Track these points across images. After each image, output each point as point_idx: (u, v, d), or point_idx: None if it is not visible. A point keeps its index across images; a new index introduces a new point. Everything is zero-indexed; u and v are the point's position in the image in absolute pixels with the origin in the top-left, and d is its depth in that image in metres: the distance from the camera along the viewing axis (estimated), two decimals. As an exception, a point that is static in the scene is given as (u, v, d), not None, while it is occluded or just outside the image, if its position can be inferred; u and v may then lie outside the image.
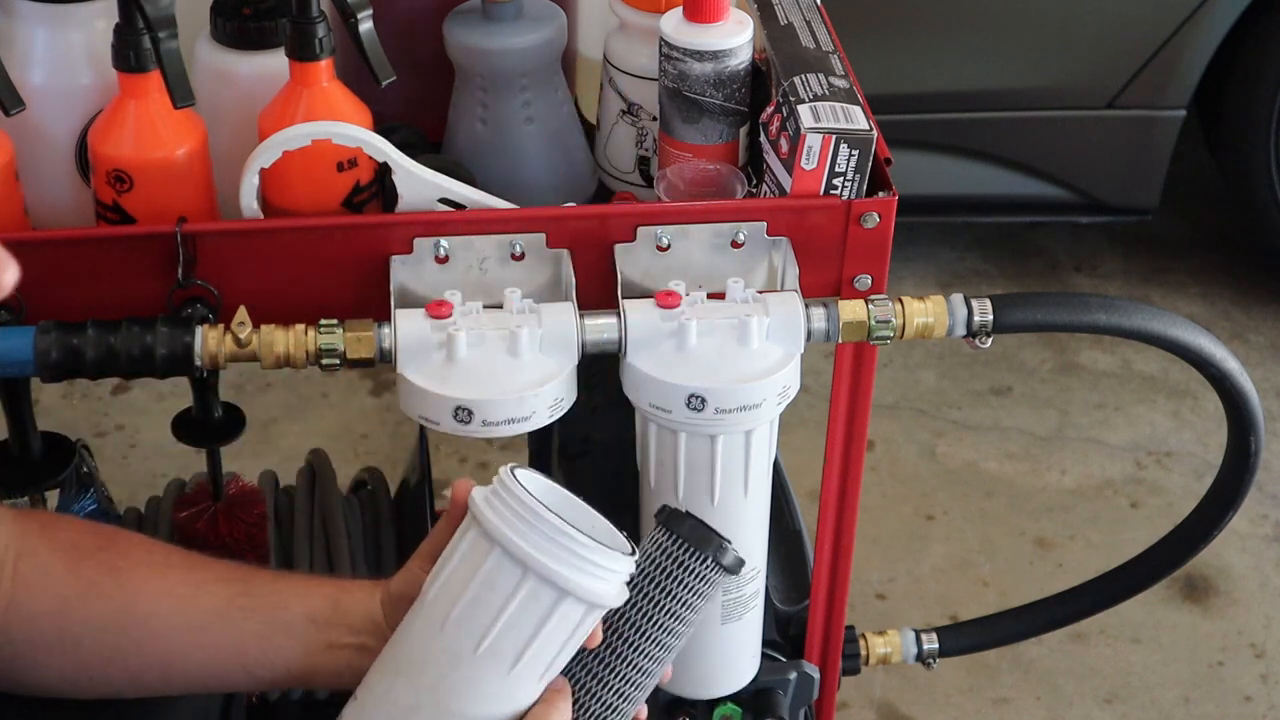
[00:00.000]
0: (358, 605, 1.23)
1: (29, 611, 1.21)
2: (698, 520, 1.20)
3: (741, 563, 1.21)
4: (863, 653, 1.74)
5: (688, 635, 1.21)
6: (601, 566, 1.12)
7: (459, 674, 1.13)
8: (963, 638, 1.78)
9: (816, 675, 1.63)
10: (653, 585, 1.19)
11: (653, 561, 1.19)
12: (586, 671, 1.19)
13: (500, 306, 1.29)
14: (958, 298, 1.35)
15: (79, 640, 1.22)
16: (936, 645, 1.76)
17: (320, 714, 1.75)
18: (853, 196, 1.34)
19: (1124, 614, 2.29)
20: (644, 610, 1.19)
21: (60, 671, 1.23)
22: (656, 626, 1.19)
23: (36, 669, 1.23)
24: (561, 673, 1.17)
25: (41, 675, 1.23)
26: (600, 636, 1.18)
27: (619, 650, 1.19)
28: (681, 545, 1.19)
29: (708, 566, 1.19)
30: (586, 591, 1.11)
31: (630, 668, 1.19)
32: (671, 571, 1.19)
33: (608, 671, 1.19)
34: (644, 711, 1.24)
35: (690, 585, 1.19)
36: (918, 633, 1.76)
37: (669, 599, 1.19)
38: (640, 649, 1.19)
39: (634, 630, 1.19)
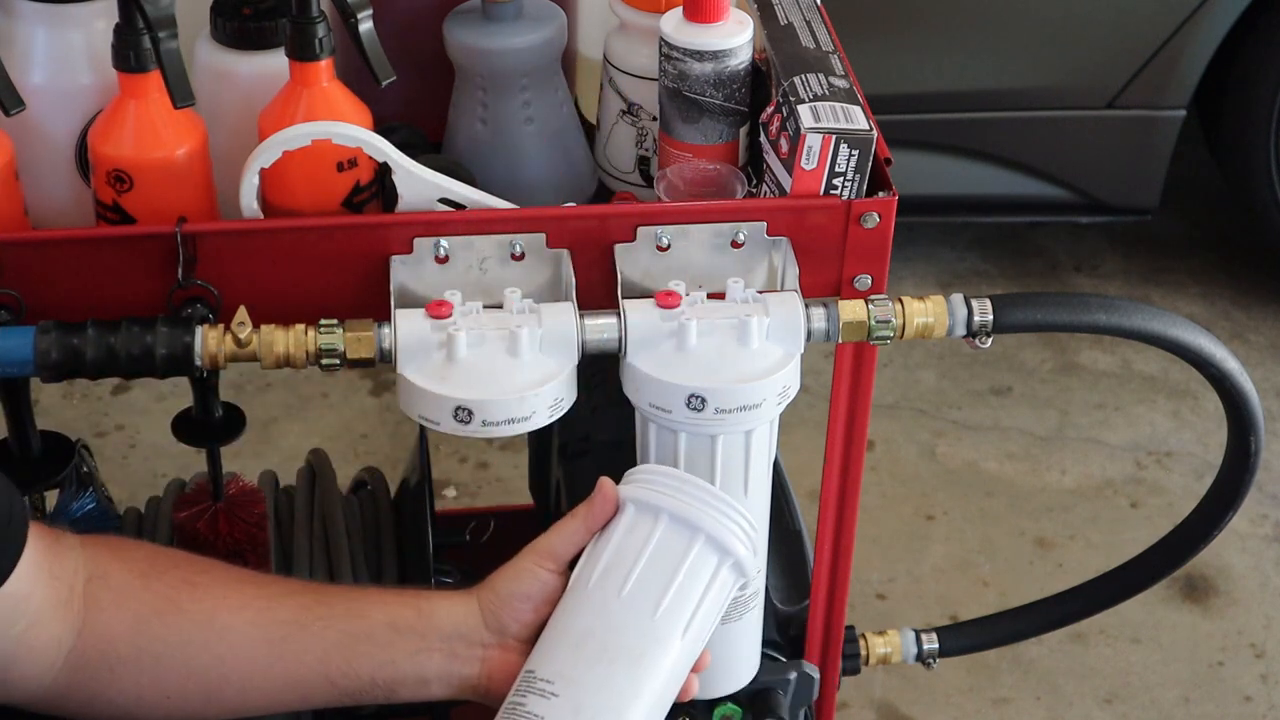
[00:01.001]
0: (445, 610, 1.23)
1: (105, 632, 1.19)
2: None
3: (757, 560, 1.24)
4: (863, 653, 1.74)
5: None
6: (747, 533, 1.23)
7: (646, 641, 1.19)
8: (963, 638, 1.78)
9: (816, 675, 1.62)
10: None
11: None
12: None
13: (500, 306, 1.29)
14: (958, 298, 1.35)
15: (157, 658, 1.20)
16: (936, 645, 1.76)
17: (321, 713, 1.75)
18: (853, 196, 1.34)
19: (1124, 614, 2.29)
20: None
21: (138, 693, 1.21)
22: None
23: (113, 692, 1.21)
24: None
25: (118, 699, 1.21)
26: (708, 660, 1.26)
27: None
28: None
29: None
30: (744, 558, 1.22)
31: None
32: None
33: None
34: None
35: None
36: (918, 633, 1.76)
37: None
38: None
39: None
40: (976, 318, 1.35)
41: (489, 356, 1.25)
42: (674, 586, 1.19)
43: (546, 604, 1.22)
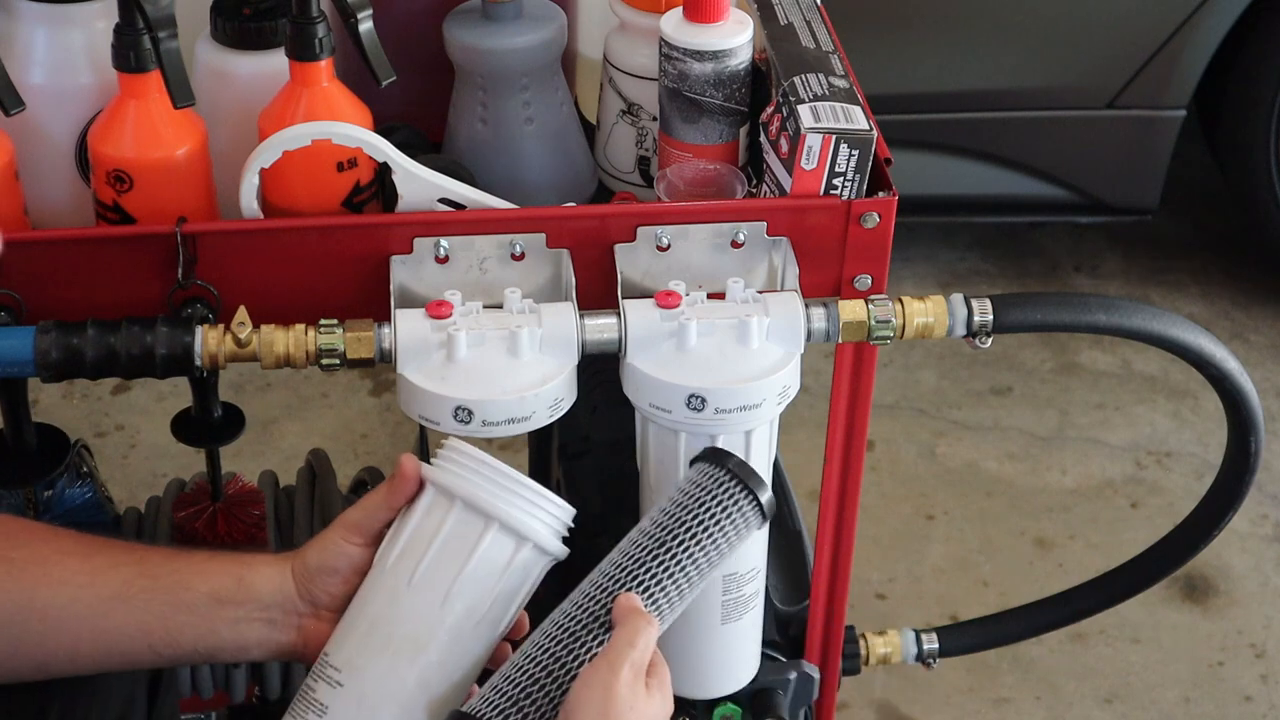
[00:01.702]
0: (264, 580, 1.23)
1: None
2: (743, 460, 1.20)
3: (774, 507, 1.20)
4: (863, 653, 1.74)
5: (709, 573, 1.20)
6: (551, 513, 1.20)
7: (433, 631, 1.17)
8: (963, 638, 1.78)
9: (816, 675, 1.63)
10: (685, 512, 1.18)
11: (696, 485, 1.19)
12: (617, 583, 1.18)
13: (500, 306, 1.29)
14: (958, 298, 1.35)
15: None
16: (936, 645, 1.76)
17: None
18: (853, 196, 1.34)
19: (1124, 614, 2.29)
20: (674, 533, 1.18)
21: None
22: (685, 553, 1.17)
23: None
24: (595, 582, 1.17)
25: None
26: (526, 626, 1.22)
27: (649, 568, 1.17)
28: (727, 475, 1.19)
29: (745, 497, 1.19)
30: (541, 539, 1.19)
31: (659, 591, 1.18)
32: (705, 501, 1.18)
33: (634, 583, 1.17)
34: None
35: (724, 515, 1.18)
36: (918, 633, 1.76)
37: (699, 525, 1.18)
38: (670, 572, 1.17)
39: (665, 552, 1.17)
40: (976, 318, 1.35)
41: (489, 356, 1.25)
42: (463, 575, 1.17)
43: (355, 575, 1.22)
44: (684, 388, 1.25)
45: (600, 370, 1.37)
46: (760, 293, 1.30)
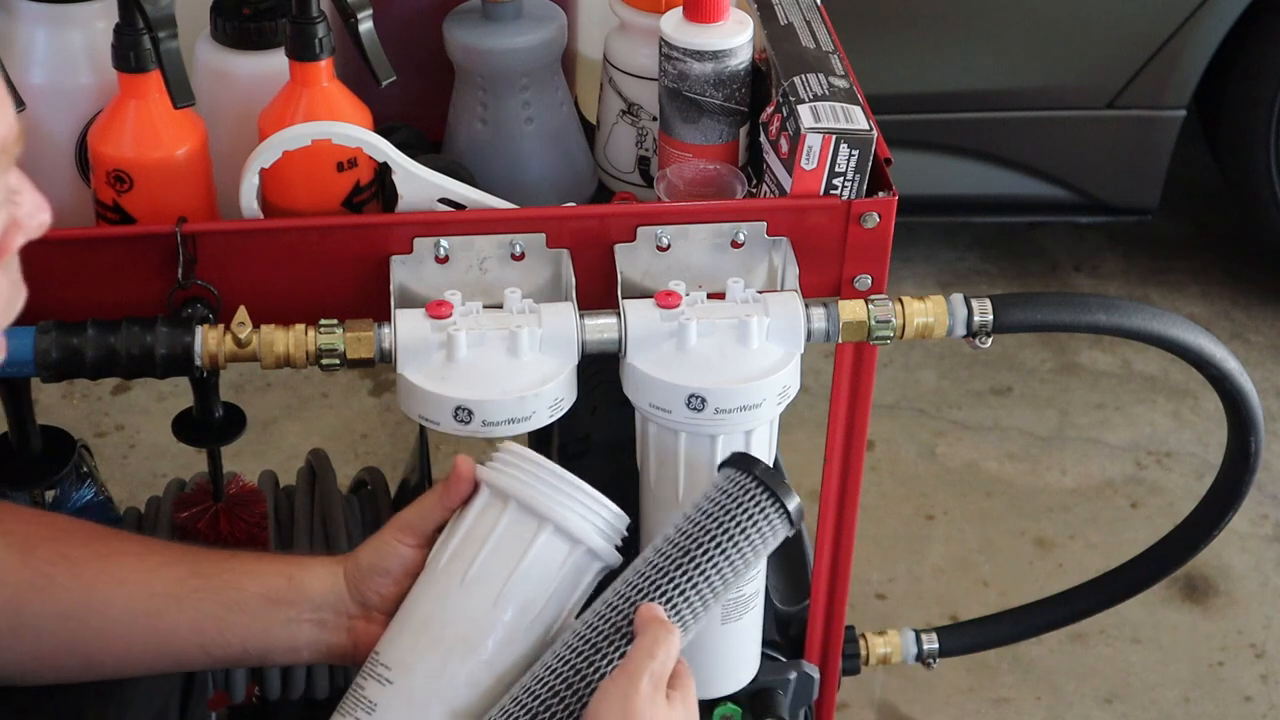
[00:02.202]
0: (316, 581, 1.23)
1: None
2: (769, 467, 1.19)
3: (801, 515, 1.19)
4: (863, 653, 1.74)
5: (734, 582, 1.18)
6: (605, 519, 1.19)
7: (484, 631, 1.16)
8: (963, 638, 1.78)
9: (816, 675, 1.62)
10: (710, 520, 1.17)
11: (722, 491, 1.17)
12: (640, 593, 1.17)
13: (500, 306, 1.29)
14: (958, 298, 1.35)
15: (37, 631, 1.22)
16: (936, 645, 1.76)
17: (321, 713, 1.75)
18: (853, 196, 1.34)
19: (1124, 614, 2.29)
20: (699, 542, 1.16)
21: (18, 660, 1.23)
22: (710, 562, 1.16)
23: None
24: (619, 592, 1.16)
25: (1, 668, 1.23)
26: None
27: (673, 578, 1.16)
28: (754, 482, 1.17)
29: (772, 505, 1.17)
30: (595, 544, 1.18)
31: (683, 601, 1.16)
32: (731, 509, 1.16)
33: (656, 594, 1.16)
34: None
35: (750, 524, 1.17)
36: (918, 633, 1.76)
37: (724, 534, 1.16)
38: (693, 582, 1.16)
39: (689, 561, 1.16)
40: (976, 318, 1.35)
41: (489, 356, 1.25)
42: (515, 576, 1.17)
43: (407, 577, 1.22)
44: (684, 388, 1.25)
45: (600, 370, 1.37)
46: (760, 293, 1.30)
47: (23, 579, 1.22)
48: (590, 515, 1.19)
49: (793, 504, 1.17)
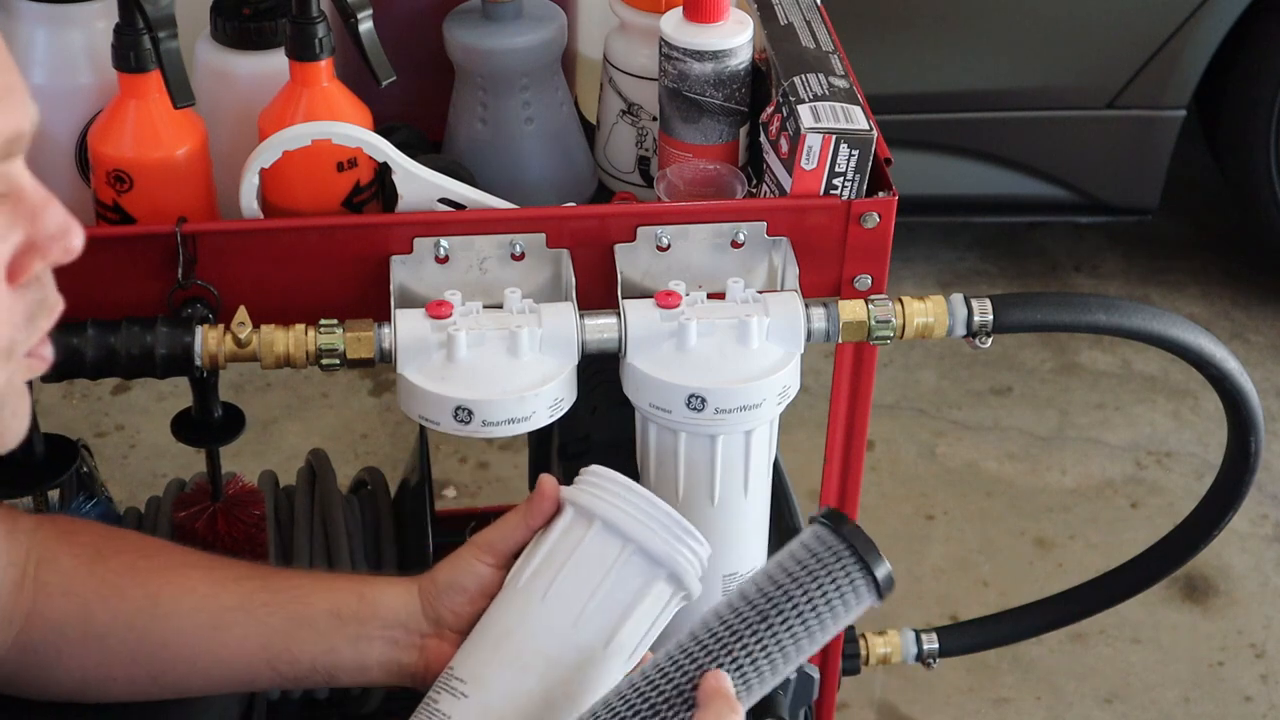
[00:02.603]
0: (387, 598, 1.22)
1: (52, 617, 1.21)
2: (858, 527, 1.12)
3: (891, 584, 1.11)
4: (863, 653, 1.74)
5: (808, 651, 1.11)
6: (691, 547, 1.17)
7: (563, 650, 1.15)
8: (963, 638, 1.78)
9: (816, 675, 1.62)
10: (794, 583, 1.09)
11: (810, 553, 1.10)
12: (708, 654, 1.11)
13: (500, 306, 1.29)
14: (958, 298, 1.35)
15: (102, 641, 1.21)
16: (936, 645, 1.76)
17: (321, 713, 1.75)
18: (853, 196, 1.34)
19: (1124, 614, 2.29)
20: (778, 606, 1.10)
21: (83, 675, 1.22)
22: (786, 629, 1.09)
23: (60, 673, 1.22)
24: (687, 650, 1.10)
25: (65, 680, 1.23)
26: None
27: (745, 642, 1.09)
28: (845, 547, 1.10)
29: (861, 574, 1.09)
30: (678, 570, 1.17)
31: (751, 667, 1.10)
32: (818, 574, 1.09)
33: (725, 657, 1.10)
34: None
35: (835, 592, 1.10)
36: (918, 633, 1.76)
37: (806, 601, 1.09)
38: (765, 648, 1.09)
39: (764, 625, 1.09)
40: (976, 318, 1.35)
41: (489, 356, 1.25)
42: (598, 596, 1.15)
43: (483, 597, 1.21)
44: (684, 388, 1.25)
45: (600, 370, 1.37)
46: (760, 293, 1.30)
47: (91, 588, 1.22)
48: (675, 541, 1.17)
49: (882, 572, 1.10)
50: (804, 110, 1.33)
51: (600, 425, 1.69)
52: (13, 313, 0.95)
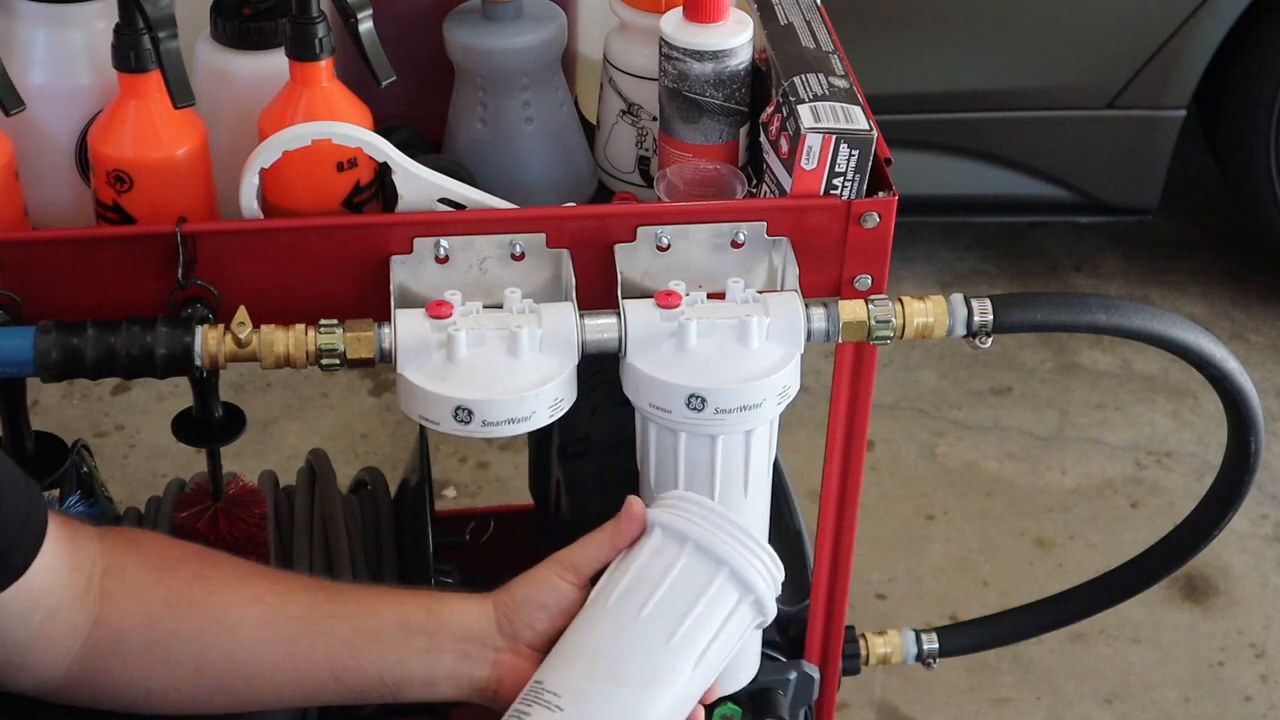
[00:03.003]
0: (458, 613, 1.23)
1: (118, 626, 1.20)
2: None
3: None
4: (863, 653, 1.74)
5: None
6: (774, 573, 1.22)
7: (658, 668, 1.18)
8: (963, 638, 1.78)
9: (816, 675, 1.62)
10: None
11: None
12: None
13: (500, 306, 1.29)
14: (958, 298, 1.35)
15: (168, 650, 1.21)
16: (936, 645, 1.76)
17: (320, 714, 1.75)
18: (853, 196, 1.34)
19: (1124, 614, 2.29)
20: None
21: (148, 685, 1.22)
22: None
23: (125, 684, 1.22)
24: None
25: (129, 690, 1.22)
26: (718, 690, 1.25)
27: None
28: None
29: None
30: (764, 596, 1.21)
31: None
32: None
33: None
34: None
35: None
36: (918, 633, 1.76)
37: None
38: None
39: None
40: (976, 318, 1.35)
41: (489, 356, 1.25)
42: (692, 616, 1.18)
43: (562, 615, 1.22)
44: (684, 388, 1.25)
45: (600, 370, 1.37)
46: (760, 293, 1.30)
47: (157, 596, 1.21)
48: (760, 567, 1.21)
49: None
50: (804, 110, 1.33)
51: (600, 425, 1.69)
52: None
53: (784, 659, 1.62)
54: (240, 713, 1.25)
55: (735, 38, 1.41)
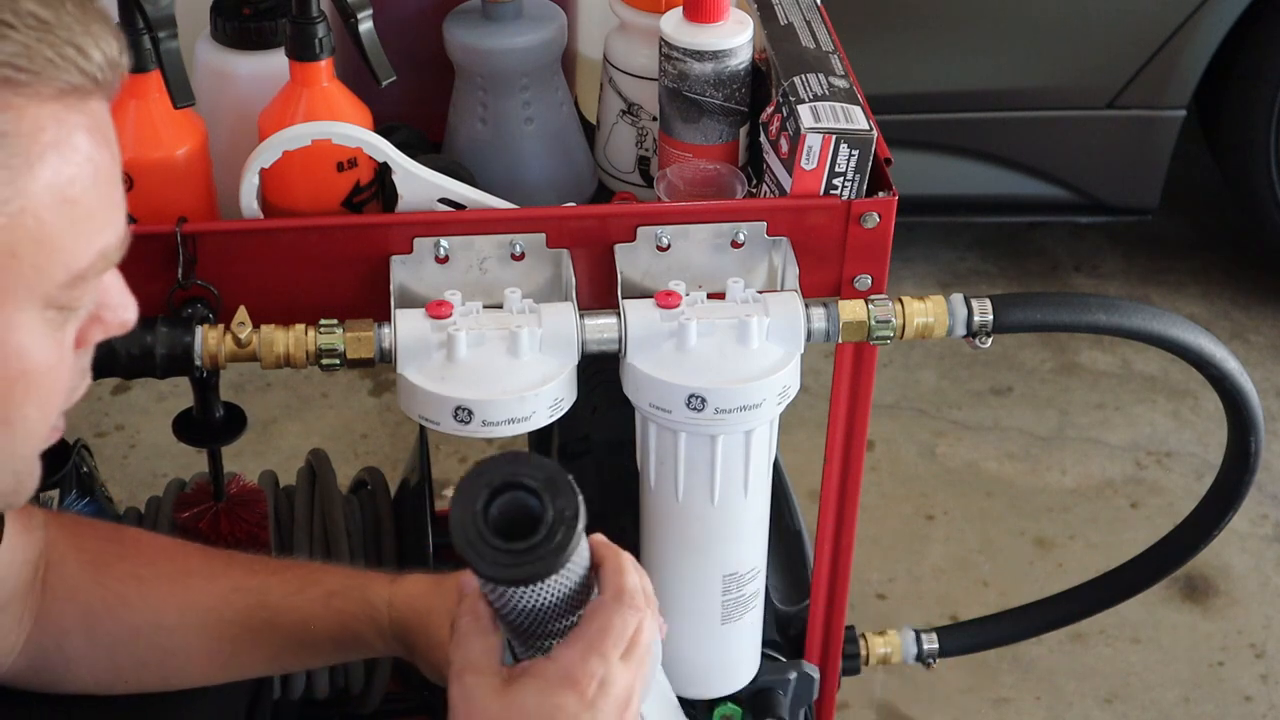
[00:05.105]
0: (397, 597, 1.27)
1: (58, 623, 1.22)
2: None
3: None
4: (863, 653, 1.74)
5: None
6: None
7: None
8: (963, 638, 1.78)
9: (816, 675, 1.62)
10: None
11: None
12: None
13: (500, 306, 1.29)
14: (958, 298, 1.35)
15: (110, 650, 1.23)
16: (936, 645, 1.76)
17: (321, 713, 1.75)
18: (853, 196, 1.34)
19: (1124, 614, 2.29)
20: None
21: (95, 676, 1.25)
22: None
23: (72, 677, 1.24)
24: None
25: (77, 680, 1.25)
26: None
27: None
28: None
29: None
30: None
31: None
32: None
33: None
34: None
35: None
36: (918, 633, 1.76)
37: None
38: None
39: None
40: (976, 318, 1.35)
41: (489, 356, 1.25)
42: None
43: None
44: (684, 388, 1.25)
45: (600, 370, 1.37)
46: (760, 293, 1.30)
47: (95, 597, 1.23)
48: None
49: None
50: (804, 110, 1.33)
51: (600, 425, 1.69)
52: (71, 375, 0.98)
53: (784, 659, 1.62)
54: (189, 691, 1.29)
55: (735, 38, 1.41)
